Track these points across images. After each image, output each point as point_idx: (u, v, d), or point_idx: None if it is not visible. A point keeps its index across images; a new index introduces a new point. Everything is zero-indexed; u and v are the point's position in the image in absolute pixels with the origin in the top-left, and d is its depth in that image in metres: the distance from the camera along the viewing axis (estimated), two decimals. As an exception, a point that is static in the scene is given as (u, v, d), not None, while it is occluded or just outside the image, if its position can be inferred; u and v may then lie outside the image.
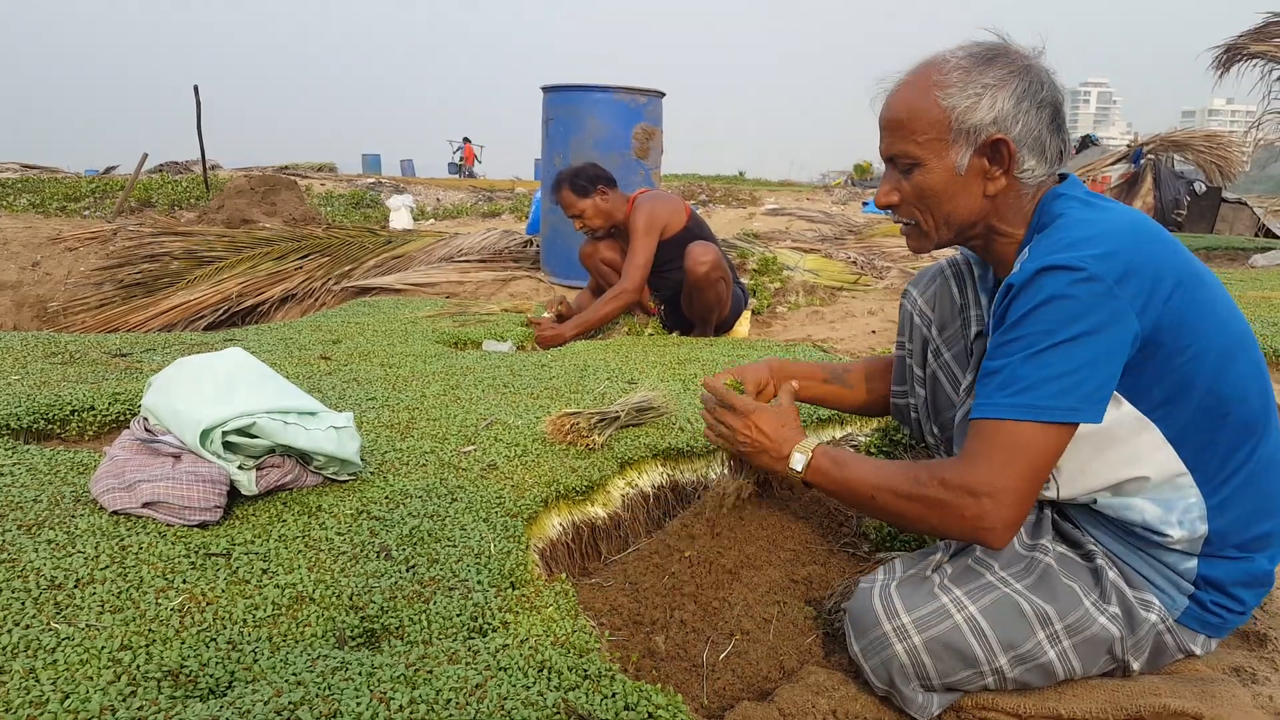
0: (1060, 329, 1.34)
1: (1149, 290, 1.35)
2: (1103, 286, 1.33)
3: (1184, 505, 1.47)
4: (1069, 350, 1.34)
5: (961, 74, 1.47)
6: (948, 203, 1.54)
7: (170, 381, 1.96)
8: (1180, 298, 1.37)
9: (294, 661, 1.37)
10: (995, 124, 1.46)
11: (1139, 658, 1.52)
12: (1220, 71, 11.04)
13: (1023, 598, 1.48)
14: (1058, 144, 1.52)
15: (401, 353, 3.89)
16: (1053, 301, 1.35)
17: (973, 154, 1.49)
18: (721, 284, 4.47)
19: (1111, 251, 1.35)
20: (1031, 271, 1.38)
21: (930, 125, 1.49)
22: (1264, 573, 1.52)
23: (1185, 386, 1.40)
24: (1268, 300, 5.37)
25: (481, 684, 1.31)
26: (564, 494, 2.20)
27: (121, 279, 7.21)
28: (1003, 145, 1.47)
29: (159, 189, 14.04)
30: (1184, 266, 1.41)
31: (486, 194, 20.18)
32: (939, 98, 1.48)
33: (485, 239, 7.74)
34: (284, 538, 1.78)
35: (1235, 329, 1.46)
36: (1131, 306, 1.34)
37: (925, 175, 1.52)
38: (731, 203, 19.02)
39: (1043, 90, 1.48)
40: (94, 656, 1.33)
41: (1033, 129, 1.47)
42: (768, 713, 1.47)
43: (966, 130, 1.47)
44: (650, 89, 6.23)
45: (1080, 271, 1.33)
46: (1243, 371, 1.44)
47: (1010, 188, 1.52)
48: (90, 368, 3.37)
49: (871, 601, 1.52)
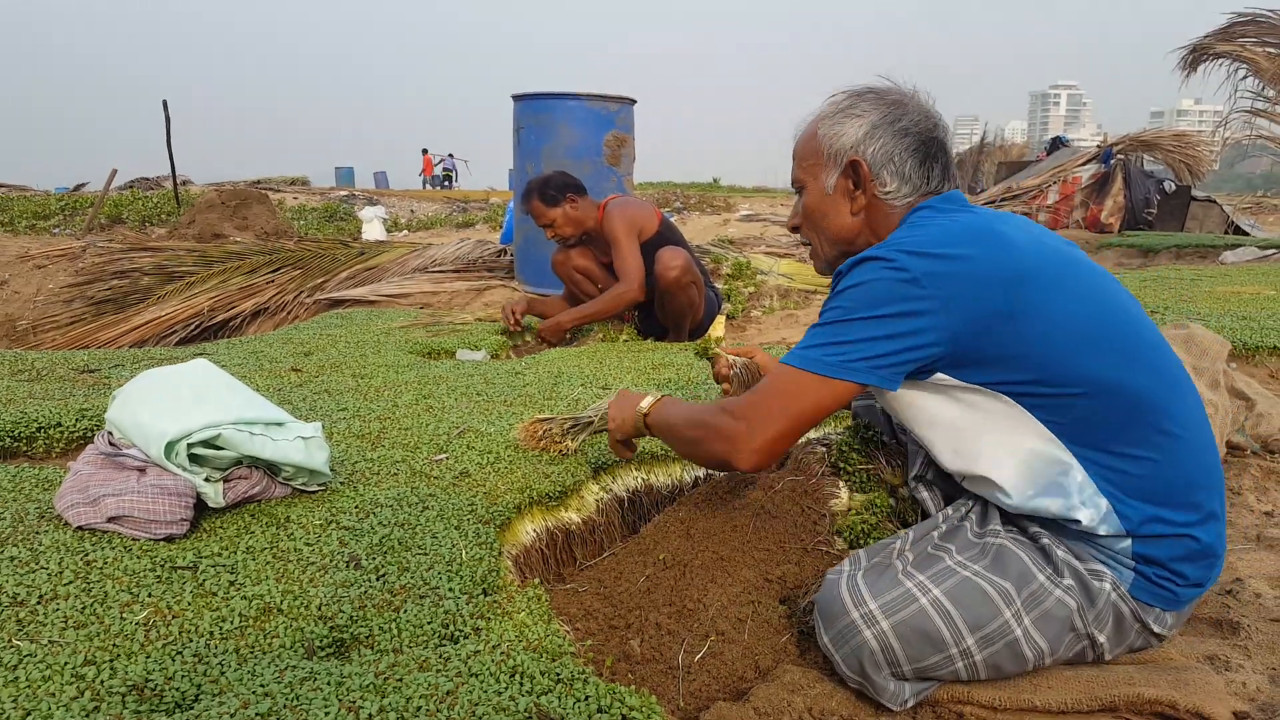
0: (858, 307, 1.51)
1: (954, 293, 1.46)
2: (906, 276, 1.47)
3: (1076, 485, 1.52)
4: (858, 325, 1.51)
5: (833, 108, 1.72)
6: (822, 220, 1.76)
7: (134, 394, 1.94)
8: (1013, 294, 1.46)
9: (261, 673, 1.35)
10: (853, 148, 1.68)
11: (1103, 630, 1.53)
12: (1187, 72, 11.18)
13: (982, 578, 1.51)
14: (924, 170, 1.68)
15: (374, 363, 3.87)
16: (860, 285, 1.52)
17: (838, 175, 1.71)
18: (693, 288, 4.47)
19: (925, 253, 1.48)
20: (855, 260, 1.56)
21: (810, 152, 1.74)
22: (1204, 546, 1.53)
23: (1031, 373, 1.49)
24: (1237, 295, 5.43)
25: (452, 690, 1.30)
26: (537, 500, 2.19)
27: (92, 296, 7.14)
28: (858, 166, 1.68)
29: (129, 205, 13.90)
30: (1021, 265, 1.49)
31: (461, 205, 20.13)
32: (818, 129, 1.73)
33: (459, 249, 7.72)
34: (252, 549, 1.76)
35: (1089, 315, 1.51)
36: (934, 301, 1.46)
37: (807, 196, 1.77)
38: (706, 209, 19.06)
39: (903, 120, 1.67)
40: (56, 673, 1.31)
41: (890, 153, 1.67)
42: (743, 712, 1.46)
43: (833, 154, 1.70)
44: (621, 96, 6.23)
45: (889, 262, 1.49)
46: (1109, 356, 1.49)
47: (875, 207, 1.71)
48: (57, 384, 3.33)
49: (839, 591, 1.53)
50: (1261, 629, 1.74)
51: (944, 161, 1.71)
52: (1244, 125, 11.02)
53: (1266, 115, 10.75)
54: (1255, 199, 19.72)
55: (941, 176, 1.71)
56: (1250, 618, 1.78)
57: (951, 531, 1.65)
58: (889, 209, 1.70)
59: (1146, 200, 12.84)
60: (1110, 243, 10.97)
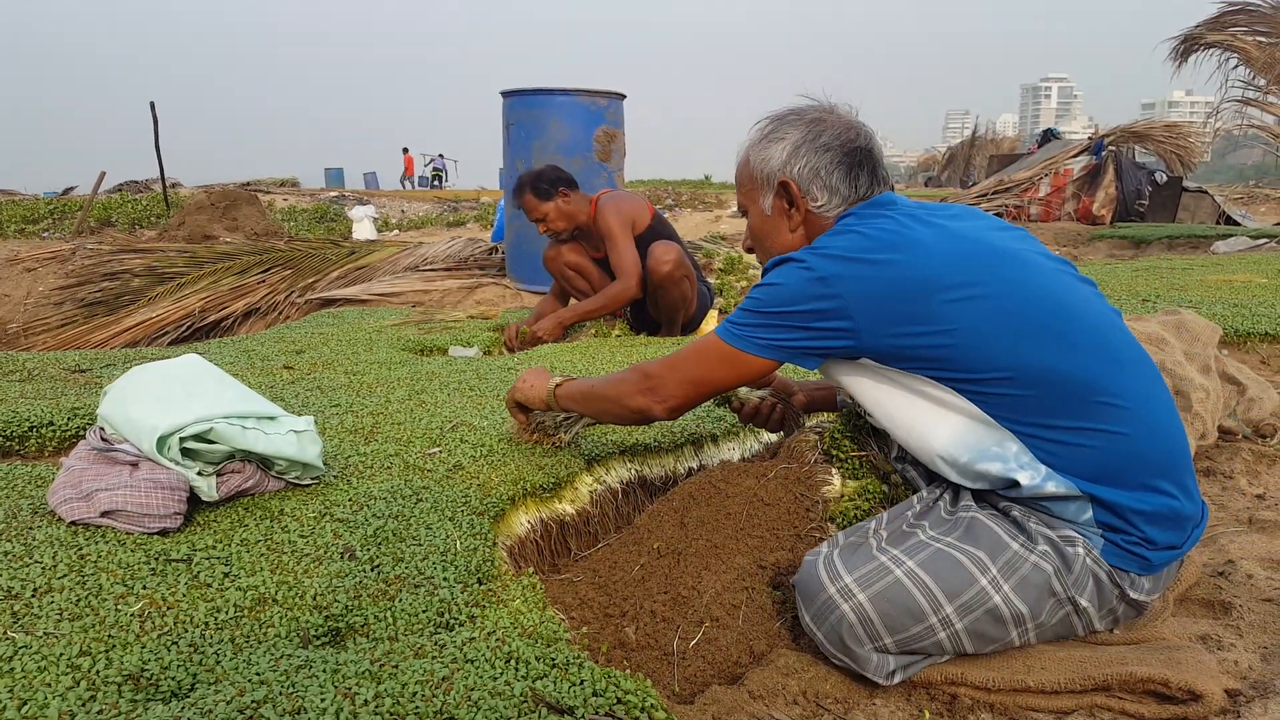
0: (773, 301, 1.64)
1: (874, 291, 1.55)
2: (815, 275, 1.58)
3: (1012, 453, 1.56)
4: (770, 315, 1.65)
5: (760, 133, 1.82)
6: (767, 239, 1.86)
7: (125, 390, 1.94)
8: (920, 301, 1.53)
9: (257, 661, 1.35)
10: (781, 169, 1.78)
11: (1083, 594, 1.53)
12: (1178, 62, 11.22)
13: (954, 548, 1.54)
14: (850, 180, 1.77)
15: (366, 361, 3.87)
16: (776, 283, 1.64)
17: (773, 196, 1.81)
18: (685, 283, 4.48)
19: (838, 256, 1.59)
20: (775, 260, 1.69)
21: (746, 178, 1.86)
22: (1166, 508, 1.55)
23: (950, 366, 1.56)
24: (1229, 283, 5.46)
25: (448, 676, 1.30)
26: (531, 492, 2.20)
27: (82, 298, 7.12)
28: (788, 186, 1.78)
29: (119, 208, 13.87)
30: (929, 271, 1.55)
31: (451, 204, 20.10)
32: (750, 156, 1.83)
33: (450, 247, 7.72)
34: (246, 542, 1.76)
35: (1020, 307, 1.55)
36: (841, 298, 1.56)
37: (751, 219, 1.88)
38: (698, 206, 19.07)
39: (823, 136, 1.76)
40: (52, 663, 1.31)
41: (816, 169, 1.75)
42: (738, 696, 1.47)
43: (765, 178, 1.81)
44: (611, 91, 6.23)
45: (801, 263, 1.61)
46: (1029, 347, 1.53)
47: (811, 221, 1.80)
48: (49, 384, 3.33)
49: (816, 569, 1.56)
50: (1253, 609, 1.75)
51: (870, 167, 1.78)
52: (1235, 115, 11.06)
53: (1257, 104, 10.79)
54: (1247, 189, 19.78)
55: (869, 182, 1.78)
56: (1242, 598, 1.79)
57: (924, 511, 1.69)
58: (823, 221, 1.78)
59: (1138, 191, 12.88)
60: (1102, 234, 11.00)
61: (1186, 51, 11.49)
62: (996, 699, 1.51)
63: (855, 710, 1.48)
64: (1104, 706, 1.46)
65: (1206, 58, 11.37)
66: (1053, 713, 1.48)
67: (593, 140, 6.16)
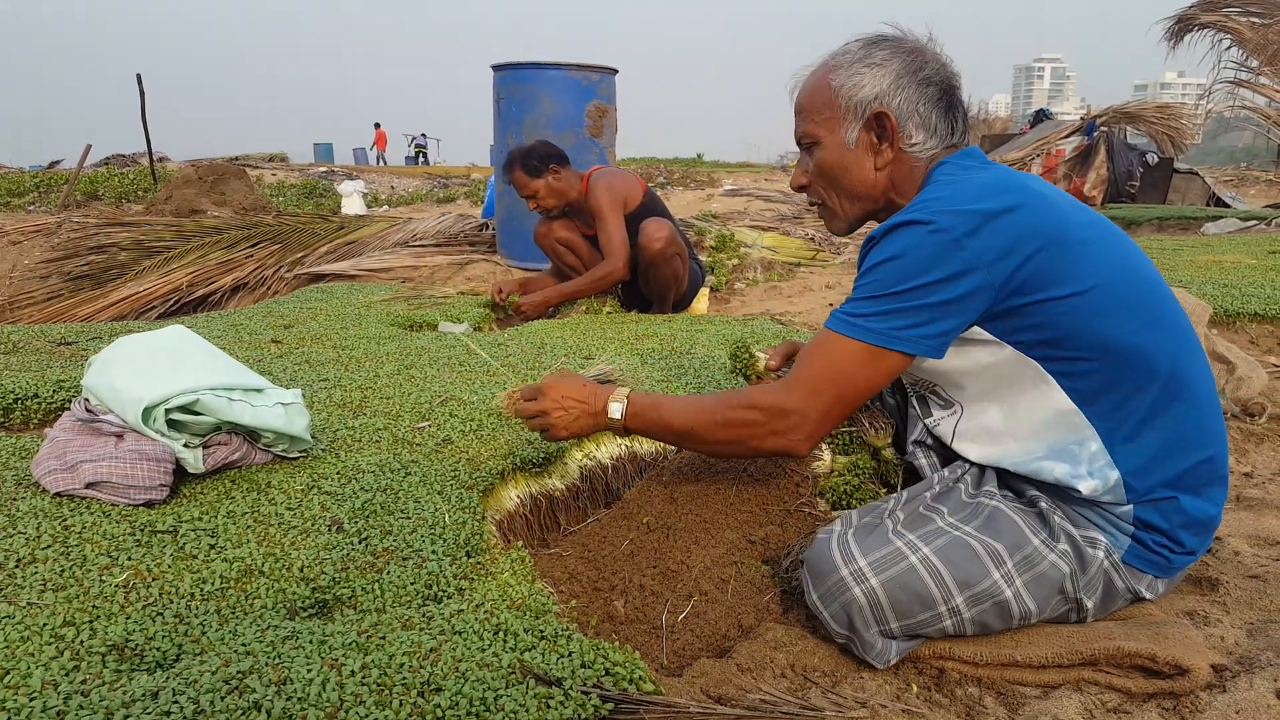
0: (904, 276, 1.45)
1: (1001, 250, 1.42)
2: (950, 238, 1.42)
3: (1088, 454, 1.51)
4: (905, 295, 1.46)
5: (852, 57, 1.62)
6: (844, 176, 1.66)
7: (110, 360, 1.92)
8: (1046, 256, 1.44)
9: (243, 632, 1.34)
10: (877, 99, 1.59)
11: (1091, 597, 1.54)
12: (1172, 42, 11.19)
13: (973, 538, 1.50)
14: (948, 121, 1.62)
15: (355, 335, 3.84)
16: (902, 253, 1.46)
17: (860, 128, 1.62)
18: (677, 260, 4.46)
19: (966, 210, 1.43)
20: (889, 225, 1.49)
21: (824, 105, 1.64)
22: (1206, 515, 1.55)
23: (1063, 332, 1.47)
24: (1219, 264, 5.47)
25: (436, 648, 1.30)
26: (521, 466, 2.19)
27: (68, 271, 7.05)
28: (884, 118, 1.59)
29: (105, 182, 13.74)
30: (1055, 227, 1.46)
31: (442, 180, 20.00)
32: (831, 79, 1.62)
33: (440, 223, 7.67)
34: (232, 514, 1.75)
35: (1124, 278, 1.49)
36: (981, 257, 1.42)
37: (823, 151, 1.66)
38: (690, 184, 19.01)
39: (925, 69, 1.60)
40: (35, 633, 1.30)
41: (914, 104, 1.59)
42: (726, 668, 1.47)
43: (853, 106, 1.61)
44: (603, 66, 6.19)
45: (930, 224, 1.43)
46: (1132, 316, 1.48)
47: (900, 161, 1.63)
48: (34, 356, 3.30)
49: (829, 548, 1.52)
50: (1240, 585, 1.76)
51: (964, 112, 1.66)
52: (1227, 96, 11.05)
53: (1250, 86, 10.78)
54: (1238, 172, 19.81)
55: (963, 128, 1.65)
56: (1229, 574, 1.80)
57: (944, 493, 1.65)
58: (913, 163, 1.63)
59: (1129, 173, 12.87)
60: (1092, 215, 10.98)
61: (1180, 32, 11.46)
62: (984, 673, 1.51)
63: (843, 684, 1.48)
64: (1091, 680, 1.47)
65: (1200, 38, 11.35)
66: (1040, 686, 1.49)
67: (584, 115, 6.11)
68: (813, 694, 1.42)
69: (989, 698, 1.47)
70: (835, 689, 1.45)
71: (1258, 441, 2.62)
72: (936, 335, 1.47)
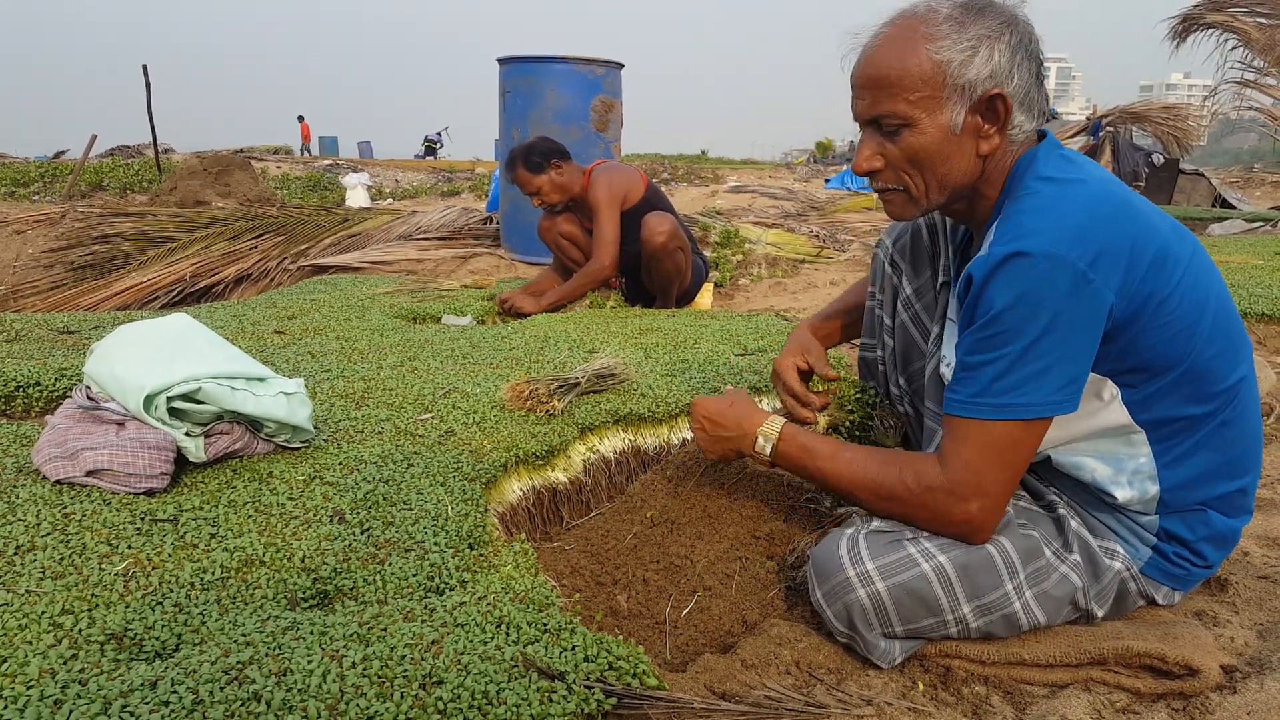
0: (1035, 321, 1.29)
1: (1125, 268, 1.30)
2: (1075, 272, 1.27)
3: (1134, 465, 1.47)
4: (1046, 344, 1.30)
5: (953, 25, 1.37)
6: (943, 164, 1.44)
7: (112, 348, 1.90)
8: (1153, 276, 1.33)
9: (243, 622, 1.33)
10: (992, 78, 1.37)
11: (1103, 606, 1.52)
12: (1177, 42, 11.12)
13: (991, 545, 1.46)
14: (1043, 99, 1.45)
15: (358, 327, 3.83)
16: (1026, 294, 1.29)
17: (968, 111, 1.39)
18: (680, 254, 4.44)
19: (1084, 234, 1.29)
20: (1000, 257, 1.31)
21: (923, 81, 1.38)
22: (1229, 530, 1.53)
23: (1150, 353, 1.38)
24: (1224, 264, 5.45)
25: (438, 640, 1.28)
26: (524, 459, 2.17)
27: (72, 261, 7.04)
28: (999, 101, 1.39)
29: (110, 173, 13.73)
30: (1157, 238, 1.34)
31: (446, 174, 19.99)
32: (930, 51, 1.37)
33: (444, 216, 7.66)
34: (234, 503, 1.74)
35: (1204, 294, 1.41)
36: (1107, 286, 1.29)
37: (918, 136, 1.41)
38: (694, 181, 18.98)
39: (1031, 41, 1.41)
40: (33, 621, 1.29)
41: (1025, 84, 1.40)
42: (730, 664, 1.45)
43: (962, 85, 1.37)
44: (609, 60, 6.16)
45: (1050, 258, 1.27)
46: (1207, 336, 1.40)
47: (1000, 146, 1.44)
48: (36, 345, 3.29)
49: (837, 548, 1.50)
50: (1249, 586, 1.74)
51: (1044, 80, 1.47)
52: (1233, 96, 11.00)
53: (1256, 86, 10.73)
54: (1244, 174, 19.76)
55: (1046, 100, 1.47)
56: (1238, 575, 1.78)
57: None
58: (1009, 148, 1.45)
59: (1135, 173, 12.84)
60: (1097, 215, 10.95)
61: (1185, 31, 11.39)
62: (991, 672, 1.49)
63: (849, 681, 1.47)
64: (1100, 680, 1.45)
65: (1205, 38, 11.28)
66: (1048, 686, 1.47)
67: (590, 109, 6.09)
68: (818, 691, 1.40)
69: (996, 696, 1.46)
70: (841, 686, 1.43)
71: (1266, 442, 2.60)
72: (1082, 384, 1.35)
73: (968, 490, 1.38)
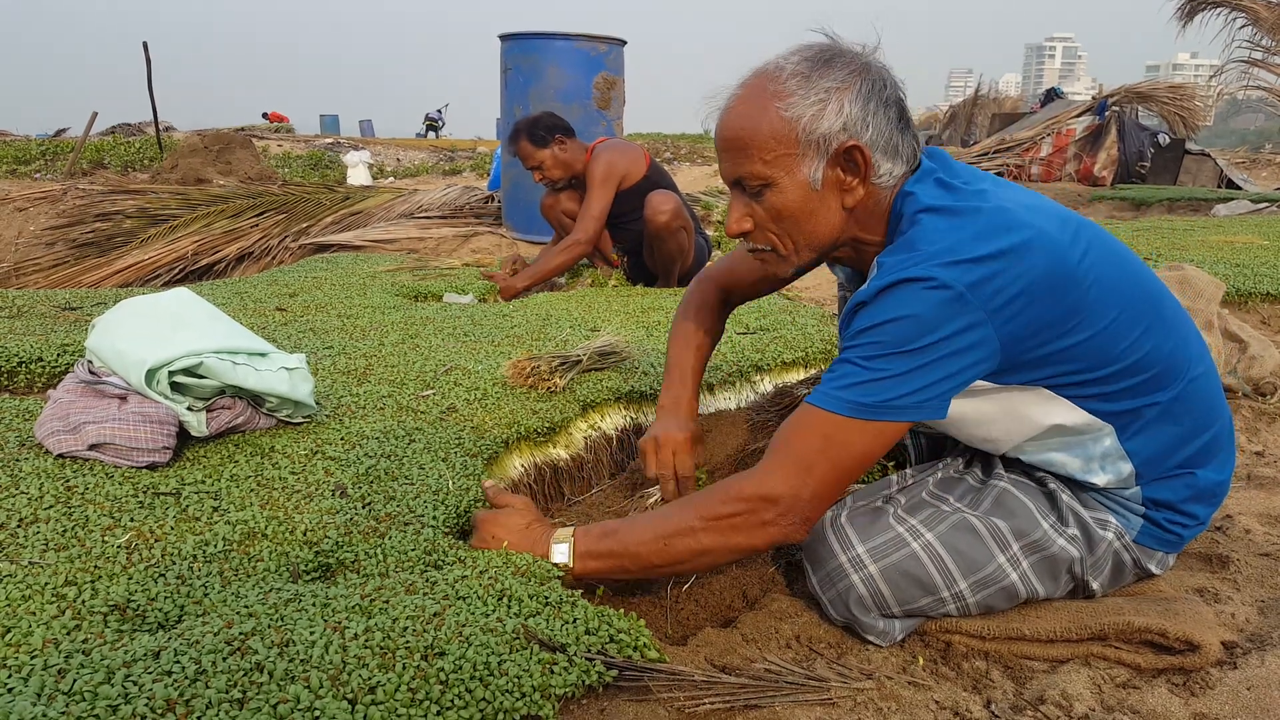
0: (907, 339, 1.29)
1: (1007, 298, 1.28)
2: (950, 294, 1.26)
3: (1100, 450, 1.46)
4: (903, 358, 1.29)
5: (800, 80, 1.36)
6: (807, 221, 1.43)
7: (114, 322, 1.90)
8: (1051, 296, 1.31)
9: (246, 594, 1.34)
10: (845, 130, 1.36)
11: (1098, 577, 1.53)
12: (1184, 21, 11.06)
13: (979, 519, 1.47)
14: (910, 142, 1.42)
15: (360, 305, 3.83)
16: (900, 316, 1.29)
17: (825, 165, 1.38)
18: (683, 233, 4.42)
19: (965, 258, 1.27)
20: (880, 286, 1.31)
21: (775, 140, 1.37)
22: (1214, 483, 1.53)
23: (1077, 361, 1.37)
24: (1230, 244, 5.43)
25: (439, 613, 1.28)
26: (525, 435, 2.17)
27: (74, 238, 7.03)
28: (856, 152, 1.37)
29: (111, 150, 13.68)
30: (1053, 263, 1.31)
31: (448, 154, 19.92)
32: (780, 109, 1.36)
33: (446, 195, 7.63)
34: (236, 477, 1.74)
35: (1132, 293, 1.40)
36: (986, 313, 1.28)
37: (779, 195, 1.41)
38: (696, 160, 18.90)
39: (886, 88, 1.39)
40: (36, 592, 1.29)
41: (883, 130, 1.38)
42: (731, 638, 1.46)
43: (815, 140, 1.36)
44: (611, 37, 6.13)
45: (928, 281, 1.27)
46: (1144, 330, 1.40)
47: (869, 195, 1.42)
48: (38, 321, 3.29)
49: (825, 534, 1.50)
50: (1250, 563, 1.74)
51: (911, 122, 1.45)
52: (1240, 76, 10.94)
53: (1264, 65, 10.67)
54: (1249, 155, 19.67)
55: (915, 141, 1.45)
56: (1240, 552, 1.78)
57: (950, 480, 1.60)
58: (879, 195, 1.43)
59: (1140, 153, 12.79)
60: (1103, 195, 10.94)
61: (1193, 10, 11.34)
62: (991, 647, 1.50)
63: (849, 655, 1.47)
64: (1100, 656, 1.45)
65: (1213, 17, 11.22)
66: (1048, 661, 1.47)
67: (592, 87, 6.06)
68: (818, 665, 1.40)
69: (996, 671, 1.46)
70: (841, 660, 1.44)
71: (1269, 420, 2.60)
72: (934, 398, 1.32)
73: (782, 485, 1.35)
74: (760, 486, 1.36)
